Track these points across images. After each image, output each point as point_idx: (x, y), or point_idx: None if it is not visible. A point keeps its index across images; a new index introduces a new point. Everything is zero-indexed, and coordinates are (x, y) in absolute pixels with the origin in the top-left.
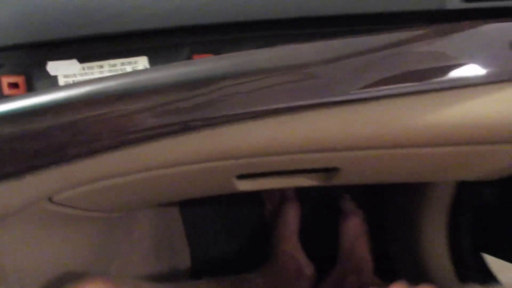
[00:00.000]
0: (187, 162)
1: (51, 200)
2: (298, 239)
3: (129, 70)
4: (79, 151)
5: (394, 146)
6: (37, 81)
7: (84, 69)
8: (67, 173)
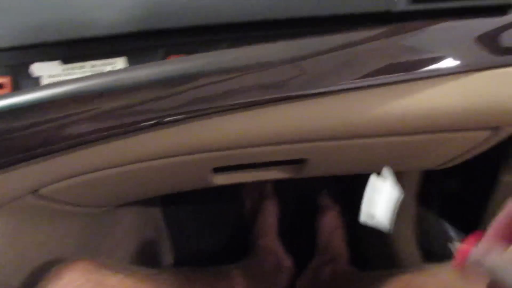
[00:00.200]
0: (164, 155)
1: (36, 193)
2: (277, 233)
3: (109, 70)
4: (62, 146)
5: (358, 136)
6: (23, 81)
7: (67, 69)
8: (51, 167)
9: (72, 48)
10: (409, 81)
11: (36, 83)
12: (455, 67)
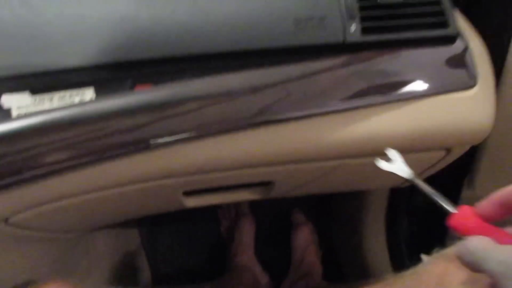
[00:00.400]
0: (134, 181)
1: (7, 222)
2: (254, 251)
3: (77, 100)
4: (32, 175)
5: (320, 159)
6: None
7: (35, 100)
8: (21, 196)
9: (40, 79)
10: (366, 106)
11: (6, 114)
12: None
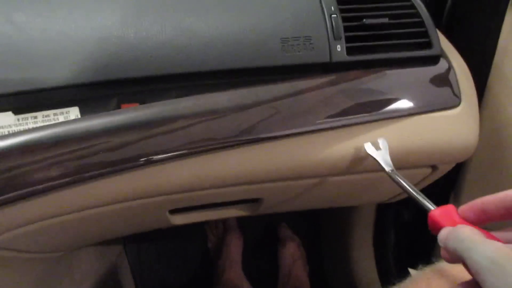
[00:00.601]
0: (119, 200)
1: None
2: (241, 267)
3: (61, 119)
4: (14, 196)
5: (307, 176)
6: None
7: (19, 120)
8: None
9: (24, 99)
10: (353, 125)
11: None
12: (394, 112)
